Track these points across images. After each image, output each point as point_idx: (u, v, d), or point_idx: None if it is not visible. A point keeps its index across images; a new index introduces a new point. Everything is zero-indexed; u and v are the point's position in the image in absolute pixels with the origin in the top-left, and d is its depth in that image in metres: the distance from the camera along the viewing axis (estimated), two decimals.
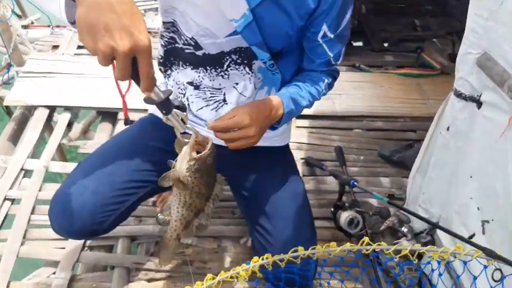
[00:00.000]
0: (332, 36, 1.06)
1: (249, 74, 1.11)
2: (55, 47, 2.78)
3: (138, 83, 0.73)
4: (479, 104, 1.16)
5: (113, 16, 0.62)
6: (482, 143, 1.14)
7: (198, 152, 0.85)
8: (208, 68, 1.10)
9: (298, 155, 2.02)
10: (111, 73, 0.70)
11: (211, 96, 1.15)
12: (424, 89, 2.56)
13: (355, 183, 1.47)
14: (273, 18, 0.99)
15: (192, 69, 1.12)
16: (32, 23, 4.83)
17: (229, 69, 1.09)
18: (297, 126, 2.23)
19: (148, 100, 0.78)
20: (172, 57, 1.15)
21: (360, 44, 3.24)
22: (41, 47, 2.81)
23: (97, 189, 1.08)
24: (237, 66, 1.09)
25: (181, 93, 1.18)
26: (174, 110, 0.81)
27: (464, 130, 1.24)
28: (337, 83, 2.61)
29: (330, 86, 1.22)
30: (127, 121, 0.97)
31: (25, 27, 3.12)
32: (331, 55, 1.11)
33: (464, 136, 1.24)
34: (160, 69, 1.23)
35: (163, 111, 0.80)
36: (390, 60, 2.92)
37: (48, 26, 2.98)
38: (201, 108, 1.18)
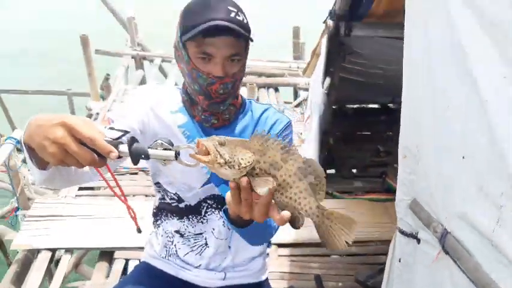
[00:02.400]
0: None
1: (222, 217, 1.29)
2: (57, 189, 3.06)
3: (101, 156, 0.71)
4: (418, 240, 1.43)
5: (42, 128, 0.72)
6: (426, 276, 1.38)
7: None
8: (190, 217, 1.30)
9: (281, 285, 2.19)
10: (110, 214, 0.88)
11: (194, 242, 1.35)
12: (391, 212, 2.84)
13: None
14: None
15: (178, 219, 1.32)
16: None
17: (206, 215, 1.29)
18: (279, 255, 2.43)
19: (124, 154, 0.73)
20: (162, 210, 1.37)
21: (332, 171, 3.62)
22: (44, 190, 3.09)
23: None
24: (213, 210, 1.29)
25: (170, 241, 1.36)
26: (149, 148, 0.73)
27: (411, 262, 1.48)
28: None
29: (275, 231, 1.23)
30: (139, 230, 1.04)
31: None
32: None
33: (413, 267, 1.47)
34: (153, 221, 1.45)
35: (142, 157, 0.73)
36: (359, 186, 3.26)
37: None
38: (187, 253, 1.37)
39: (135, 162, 0.76)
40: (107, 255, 2.40)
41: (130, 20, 6.07)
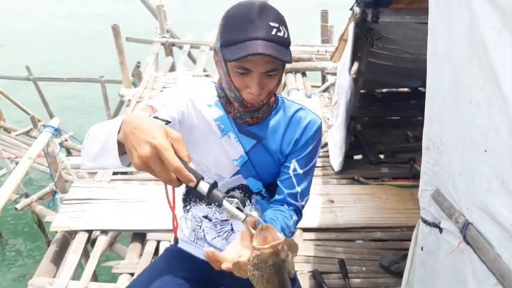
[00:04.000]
0: (301, 172, 1.27)
1: (249, 206, 1.36)
2: (92, 173, 3.22)
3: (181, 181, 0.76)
4: (440, 230, 1.45)
5: (134, 137, 0.75)
6: (447, 264, 1.40)
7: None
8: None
9: (306, 268, 2.26)
10: (142, 198, 0.94)
11: (221, 228, 1.41)
12: (417, 198, 2.83)
13: None
14: (262, 159, 1.28)
15: (206, 205, 1.38)
16: (66, 140, 5.48)
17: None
18: (304, 239, 2.49)
19: (201, 192, 0.78)
20: (191, 195, 1.43)
21: (359, 157, 3.62)
22: (81, 173, 3.26)
23: None
24: None
25: (198, 225, 1.42)
26: (226, 199, 0.78)
27: (434, 250, 1.50)
28: (339, 196, 2.92)
29: (296, 223, 1.33)
30: (176, 240, 1.13)
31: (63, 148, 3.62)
32: (299, 190, 1.28)
33: (435, 255, 1.50)
34: (182, 206, 1.53)
35: (215, 203, 0.79)
36: (386, 172, 3.25)
37: None
38: (214, 238, 1.43)
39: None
40: (140, 236, 2.53)
41: (159, 7, 6.15)
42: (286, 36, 1.04)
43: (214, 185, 0.78)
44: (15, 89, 6.83)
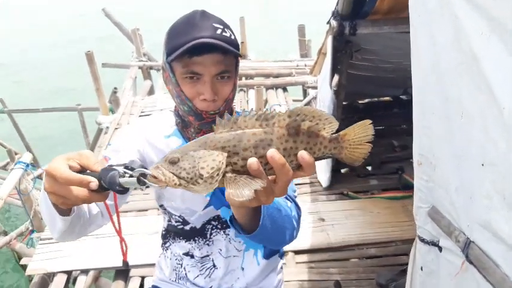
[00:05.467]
0: None
1: (228, 236, 1.28)
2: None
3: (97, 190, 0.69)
4: (440, 248, 1.37)
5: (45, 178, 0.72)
6: (450, 285, 1.31)
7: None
8: (196, 239, 1.29)
9: None
10: (122, 231, 0.87)
11: (201, 266, 1.33)
12: (410, 209, 2.74)
13: None
14: None
15: (185, 241, 1.31)
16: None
17: (212, 236, 1.27)
18: (297, 262, 2.38)
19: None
20: (170, 232, 1.36)
21: (346, 170, 3.55)
22: None
23: None
24: (217, 231, 1.27)
25: (179, 264, 1.34)
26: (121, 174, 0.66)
27: (434, 270, 1.42)
28: (329, 213, 2.83)
29: (295, 211, 1.12)
30: (125, 264, 1.00)
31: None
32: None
33: (436, 275, 1.41)
34: (161, 243, 1.43)
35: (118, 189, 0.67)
36: (375, 184, 3.19)
37: None
38: (197, 276, 1.35)
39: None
40: (123, 273, 2.39)
41: (135, 31, 6.07)
42: (233, 37, 1.00)
43: (113, 173, 0.66)
44: None
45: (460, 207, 1.23)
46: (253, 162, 0.59)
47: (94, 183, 0.68)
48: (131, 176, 0.64)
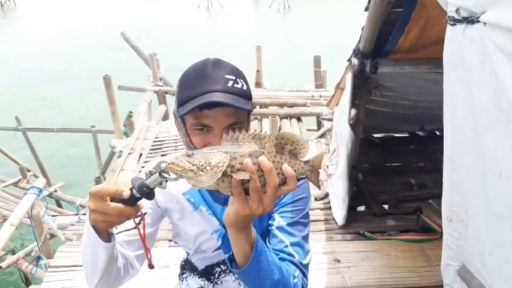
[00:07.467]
0: (284, 224, 1.08)
1: (238, 280, 1.24)
2: (80, 235, 3.02)
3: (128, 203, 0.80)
4: None
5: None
6: None
7: None
8: (206, 277, 1.28)
9: None
10: None
11: None
12: (429, 254, 2.66)
13: None
14: None
15: (198, 277, 1.31)
16: (56, 191, 5.27)
17: (220, 277, 1.27)
18: None
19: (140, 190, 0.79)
20: (188, 265, 1.36)
21: (362, 208, 3.46)
22: (68, 235, 3.06)
23: None
24: (226, 274, 1.26)
25: None
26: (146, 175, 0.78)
27: None
28: (345, 254, 2.74)
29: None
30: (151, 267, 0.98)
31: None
32: (288, 242, 1.07)
33: None
34: (179, 273, 1.40)
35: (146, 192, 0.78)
36: (392, 224, 3.08)
37: (76, 215, 3.27)
38: None
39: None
40: None
41: (152, 55, 6.16)
42: (245, 88, 0.98)
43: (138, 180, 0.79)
44: (4, 139, 6.70)
45: (493, 271, 1.16)
46: (248, 161, 0.73)
47: (126, 192, 0.79)
48: (152, 174, 0.77)
